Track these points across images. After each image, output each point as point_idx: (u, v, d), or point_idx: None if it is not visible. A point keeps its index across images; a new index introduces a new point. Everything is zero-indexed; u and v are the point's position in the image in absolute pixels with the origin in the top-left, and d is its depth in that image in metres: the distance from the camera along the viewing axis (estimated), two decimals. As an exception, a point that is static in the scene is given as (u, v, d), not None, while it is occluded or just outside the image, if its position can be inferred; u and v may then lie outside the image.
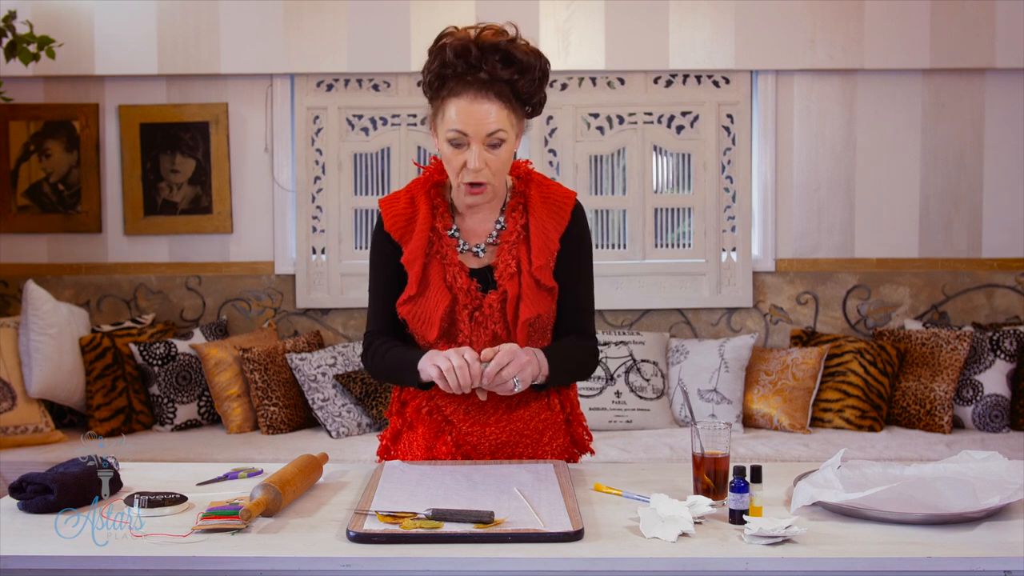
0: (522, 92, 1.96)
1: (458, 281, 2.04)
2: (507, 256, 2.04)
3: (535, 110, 2.03)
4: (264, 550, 1.53)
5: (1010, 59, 4.35)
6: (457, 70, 1.93)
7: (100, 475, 1.79)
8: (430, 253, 2.05)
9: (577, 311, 2.11)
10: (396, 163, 4.50)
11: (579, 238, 2.09)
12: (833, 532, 1.61)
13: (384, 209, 2.10)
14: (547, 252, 2.03)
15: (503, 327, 2.05)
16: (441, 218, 2.08)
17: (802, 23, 4.39)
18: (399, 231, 2.07)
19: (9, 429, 3.88)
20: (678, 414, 4.20)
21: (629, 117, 4.49)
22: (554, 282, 2.05)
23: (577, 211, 2.09)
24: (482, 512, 1.61)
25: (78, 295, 4.52)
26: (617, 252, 4.53)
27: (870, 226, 4.50)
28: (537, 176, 2.12)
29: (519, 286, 2.03)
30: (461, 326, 2.05)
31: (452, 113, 1.93)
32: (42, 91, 4.50)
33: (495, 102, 1.93)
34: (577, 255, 2.09)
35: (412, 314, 2.05)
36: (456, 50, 1.93)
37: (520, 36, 1.98)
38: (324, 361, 4.15)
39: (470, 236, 2.09)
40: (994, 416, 4.05)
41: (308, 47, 4.41)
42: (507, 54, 1.93)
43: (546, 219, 2.05)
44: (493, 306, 2.04)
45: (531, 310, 2.01)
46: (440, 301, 2.02)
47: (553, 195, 2.08)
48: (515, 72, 1.93)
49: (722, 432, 1.80)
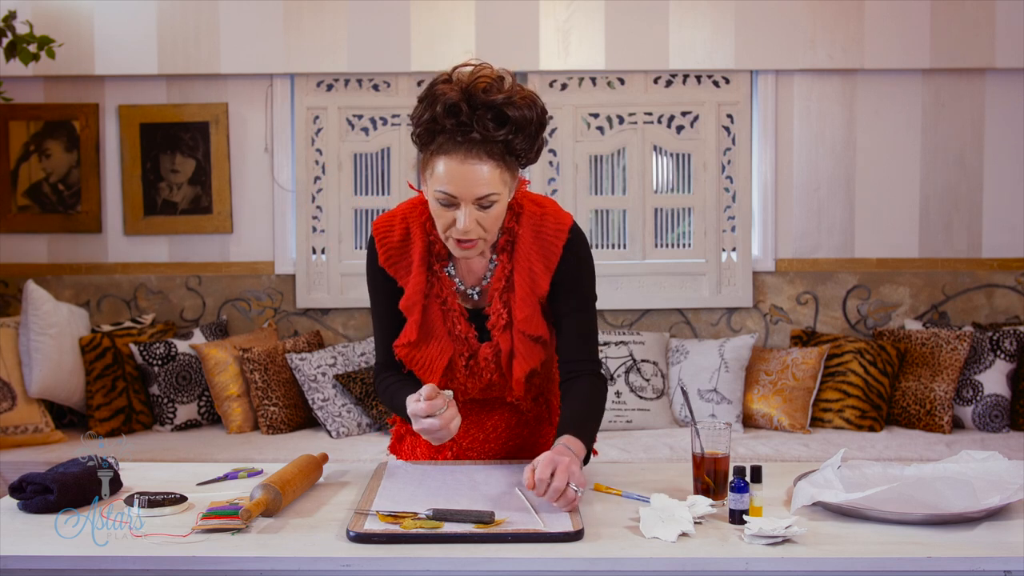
0: (517, 150, 1.82)
1: (457, 327, 1.98)
2: (498, 304, 1.96)
3: (533, 159, 1.88)
4: (264, 550, 1.53)
5: (1010, 59, 4.35)
6: (447, 127, 1.78)
7: (100, 475, 1.79)
8: (429, 295, 1.97)
9: (579, 338, 1.99)
10: (396, 163, 4.50)
11: (575, 272, 1.96)
12: (833, 532, 1.61)
13: (378, 239, 1.98)
14: (533, 299, 1.93)
15: (499, 376, 2.01)
16: (437, 257, 1.98)
17: (802, 23, 4.39)
18: (393, 267, 1.97)
19: (9, 429, 3.88)
20: (678, 414, 4.20)
21: (629, 117, 4.49)
22: (543, 329, 1.96)
23: (570, 243, 1.95)
24: (482, 512, 1.61)
25: (78, 295, 4.52)
26: (617, 252, 4.53)
27: (870, 226, 4.50)
28: (530, 206, 1.97)
29: (511, 340, 1.96)
30: (457, 373, 2.01)
31: (441, 171, 1.79)
32: (42, 91, 4.50)
33: (487, 162, 1.78)
34: (576, 291, 1.97)
35: (411, 359, 1.97)
36: (447, 107, 1.76)
37: (515, 84, 1.82)
38: (324, 361, 4.15)
39: (466, 276, 2.01)
40: (994, 416, 4.05)
41: (308, 47, 4.41)
42: (500, 113, 1.77)
43: (535, 260, 1.93)
44: (488, 358, 1.99)
45: (524, 367, 1.95)
46: (444, 351, 1.96)
47: (545, 229, 1.94)
48: (510, 132, 1.78)
49: (722, 432, 1.80)
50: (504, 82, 1.81)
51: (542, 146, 1.89)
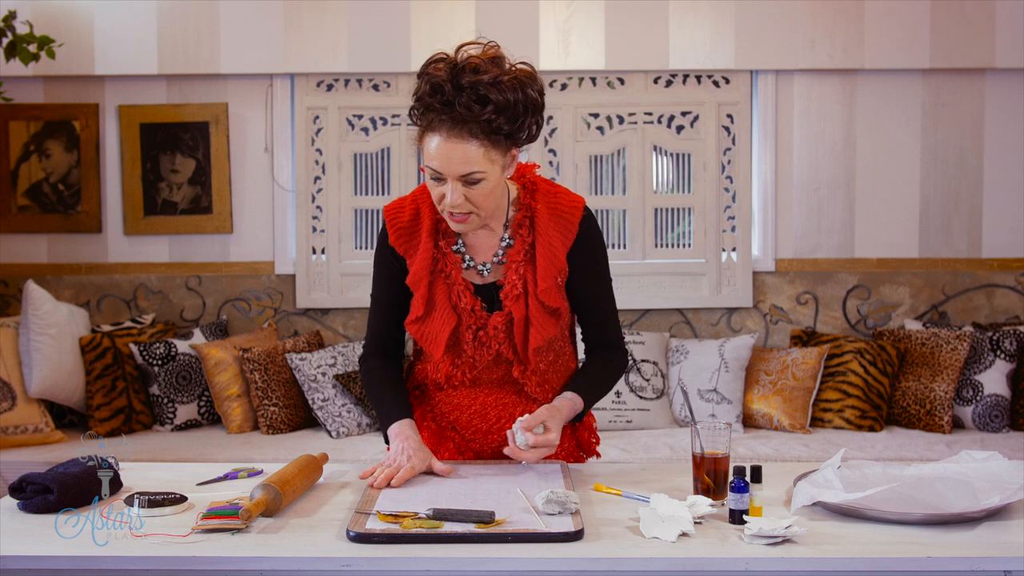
0: (501, 129, 1.85)
1: (463, 301, 2.02)
2: (514, 276, 2.01)
3: (527, 138, 1.93)
4: (264, 550, 1.53)
5: (1010, 59, 4.35)
6: (433, 105, 1.85)
7: (100, 475, 1.79)
8: (435, 271, 2.03)
9: (601, 324, 2.10)
10: (396, 163, 4.50)
11: (591, 249, 2.04)
12: (833, 532, 1.61)
13: (388, 220, 2.05)
14: (553, 271, 2.00)
15: (508, 347, 2.04)
16: (445, 235, 2.04)
17: (802, 23, 4.39)
18: (403, 245, 2.04)
19: (9, 429, 3.88)
20: (678, 414, 4.20)
21: (629, 117, 4.49)
22: (561, 302, 2.02)
23: (585, 221, 2.02)
24: (483, 512, 1.61)
25: (78, 295, 4.52)
26: (617, 252, 4.53)
27: (870, 226, 4.50)
28: (543, 185, 2.05)
29: (526, 308, 2.00)
30: (465, 346, 2.05)
31: (430, 148, 1.87)
32: (42, 91, 4.50)
33: (470, 141, 1.84)
34: (593, 267, 2.06)
35: (420, 333, 2.04)
36: (432, 85, 1.84)
37: (507, 63, 1.86)
38: (324, 361, 4.15)
39: (476, 253, 2.06)
40: (994, 416, 4.05)
41: (308, 47, 4.41)
42: (480, 94, 1.82)
43: (553, 235, 2.00)
44: (498, 327, 2.02)
45: (540, 336, 2.00)
46: (446, 323, 2.01)
47: (560, 206, 2.02)
48: (491, 112, 1.82)
49: (722, 432, 1.80)
50: (497, 63, 1.85)
51: (539, 125, 1.93)
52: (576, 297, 2.07)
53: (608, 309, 2.10)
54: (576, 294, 2.06)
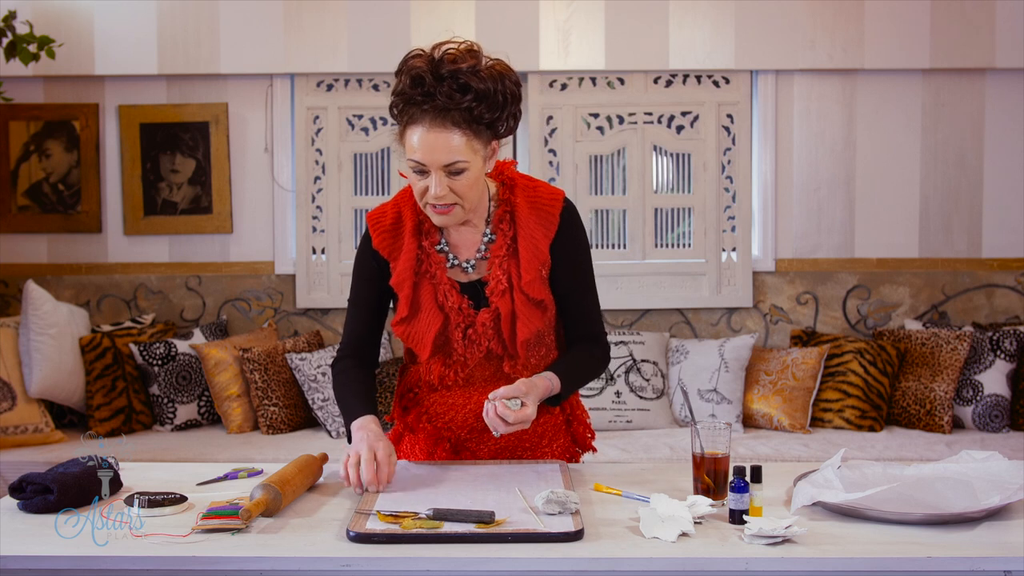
0: (482, 118, 1.88)
1: (449, 300, 2.02)
2: (498, 271, 2.02)
3: (506, 131, 1.95)
4: (264, 550, 1.53)
5: (1010, 59, 4.35)
6: (415, 98, 1.87)
7: (100, 475, 1.79)
8: (419, 272, 2.03)
9: (583, 317, 2.10)
10: (396, 163, 4.50)
11: (573, 242, 2.05)
12: (833, 532, 1.61)
13: (371, 225, 2.07)
14: (536, 264, 2.00)
15: (498, 343, 2.04)
16: (428, 234, 2.05)
17: (802, 23, 4.39)
18: (387, 248, 2.05)
19: (9, 429, 3.88)
20: (678, 414, 4.20)
21: (629, 117, 4.49)
22: (545, 294, 2.02)
23: (566, 213, 2.03)
24: (483, 512, 1.61)
25: (78, 295, 4.52)
26: (617, 252, 4.53)
27: (870, 226, 4.50)
28: (522, 180, 2.06)
29: (512, 303, 2.00)
30: (455, 344, 2.05)
31: (412, 141, 1.88)
32: (42, 91, 4.50)
33: (453, 131, 1.86)
34: (574, 260, 2.06)
35: (406, 335, 2.04)
36: (412, 77, 1.87)
37: (483, 56, 1.90)
38: (324, 361, 4.15)
39: (459, 250, 2.06)
40: (994, 416, 4.05)
41: (308, 47, 4.41)
42: (460, 82, 1.85)
43: (535, 227, 2.01)
44: (486, 324, 2.02)
45: (527, 329, 2.00)
46: (432, 323, 2.01)
47: (540, 199, 2.03)
48: (472, 100, 1.85)
49: (722, 432, 1.80)
50: (474, 55, 1.89)
51: (516, 118, 1.96)
52: (559, 290, 2.07)
53: (591, 302, 2.10)
54: (559, 287, 2.06)
